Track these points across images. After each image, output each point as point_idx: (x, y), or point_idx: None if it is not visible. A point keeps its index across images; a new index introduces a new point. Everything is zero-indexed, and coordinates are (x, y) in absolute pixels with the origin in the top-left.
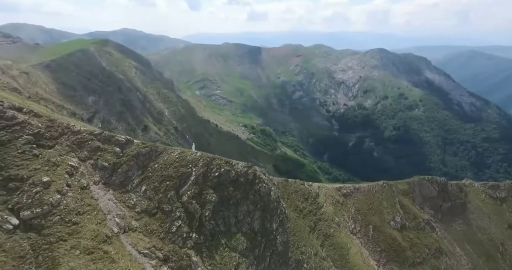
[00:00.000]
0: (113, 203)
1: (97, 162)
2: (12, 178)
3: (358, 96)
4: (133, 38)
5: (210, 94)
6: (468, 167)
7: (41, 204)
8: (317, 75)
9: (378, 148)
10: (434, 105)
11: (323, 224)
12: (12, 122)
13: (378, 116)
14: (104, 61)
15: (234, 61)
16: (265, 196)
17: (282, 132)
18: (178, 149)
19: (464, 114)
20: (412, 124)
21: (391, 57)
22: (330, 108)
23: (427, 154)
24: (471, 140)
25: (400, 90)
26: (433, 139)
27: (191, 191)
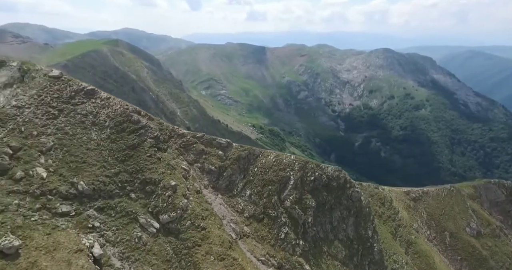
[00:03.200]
0: (224, 208)
1: (204, 165)
2: (148, 181)
3: (364, 96)
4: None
5: (216, 94)
6: (477, 167)
7: (174, 208)
8: (322, 75)
9: (385, 148)
10: (441, 105)
11: (403, 230)
12: (137, 126)
13: (384, 116)
14: (117, 61)
15: (239, 61)
16: (357, 201)
17: (289, 133)
18: (274, 152)
19: (470, 114)
20: (420, 124)
21: (396, 57)
22: (335, 108)
23: (435, 154)
24: (479, 140)
25: (406, 90)
26: (440, 138)
27: (292, 196)
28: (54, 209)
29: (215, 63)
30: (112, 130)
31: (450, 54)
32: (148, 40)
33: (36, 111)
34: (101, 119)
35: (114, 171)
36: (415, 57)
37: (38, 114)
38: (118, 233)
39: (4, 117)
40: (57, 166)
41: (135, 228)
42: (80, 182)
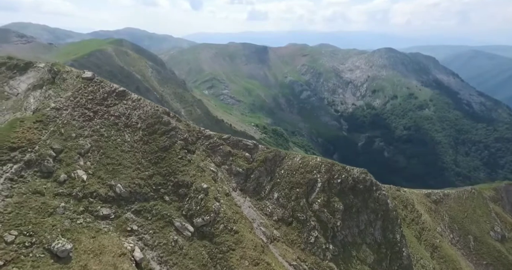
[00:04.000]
0: (253, 211)
1: (231, 167)
2: (180, 184)
3: (367, 95)
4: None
5: (219, 94)
6: (481, 167)
7: (207, 212)
8: (325, 75)
9: (388, 148)
10: (445, 105)
11: (427, 233)
12: (168, 127)
13: (387, 116)
14: (122, 61)
15: (241, 60)
16: (383, 204)
17: (291, 132)
18: (299, 154)
19: (474, 114)
20: (423, 124)
21: (400, 57)
22: (338, 108)
23: (440, 154)
24: (483, 140)
25: (409, 90)
26: (444, 138)
27: (320, 199)
28: (96, 212)
29: (218, 63)
30: (144, 132)
31: (452, 54)
32: (150, 39)
33: (73, 113)
34: (133, 121)
35: (148, 173)
36: (418, 56)
37: (75, 116)
38: (155, 237)
39: (45, 119)
40: (95, 168)
41: (170, 231)
42: (118, 184)
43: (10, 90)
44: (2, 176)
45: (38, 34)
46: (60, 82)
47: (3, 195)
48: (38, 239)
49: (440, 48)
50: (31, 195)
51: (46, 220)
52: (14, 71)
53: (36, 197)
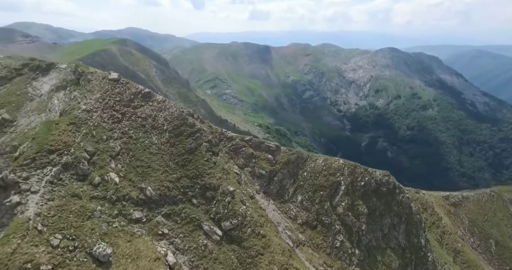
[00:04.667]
0: (278, 214)
1: (254, 169)
2: (207, 186)
3: (370, 95)
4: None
5: (221, 94)
6: (486, 168)
7: (235, 215)
8: (327, 75)
9: (392, 148)
10: (449, 105)
11: (448, 237)
12: (193, 129)
13: (391, 116)
14: (126, 61)
15: (244, 60)
16: (407, 207)
17: (294, 132)
18: (322, 156)
19: (478, 114)
20: (427, 124)
21: (403, 57)
22: (341, 107)
23: (444, 154)
24: (488, 140)
25: (412, 90)
26: (449, 139)
27: (344, 202)
28: (129, 215)
29: (220, 63)
30: (171, 134)
31: (454, 53)
32: (152, 39)
33: (102, 115)
34: (159, 122)
35: (176, 176)
36: (421, 56)
37: (105, 118)
38: (185, 241)
39: (78, 121)
40: (126, 171)
41: (200, 235)
42: (148, 187)
43: (34, 91)
44: (43, 178)
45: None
46: (85, 83)
47: (45, 198)
48: (80, 243)
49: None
50: (70, 198)
51: (85, 224)
52: (36, 73)
53: (74, 200)
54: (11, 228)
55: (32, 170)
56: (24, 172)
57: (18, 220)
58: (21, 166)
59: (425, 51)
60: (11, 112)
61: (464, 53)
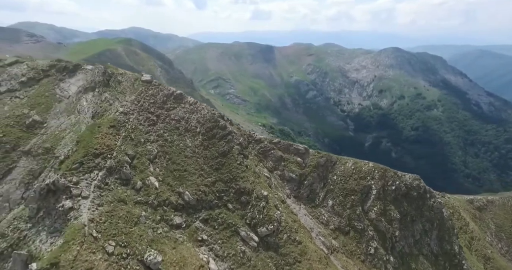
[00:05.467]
0: (309, 219)
1: (284, 173)
2: (242, 191)
3: (373, 95)
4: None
5: (224, 93)
6: (491, 169)
7: (270, 220)
8: (331, 75)
9: (396, 148)
10: (453, 105)
11: (477, 243)
12: (225, 132)
13: (395, 116)
14: (131, 60)
15: (247, 60)
16: (438, 212)
17: (298, 132)
18: (351, 159)
19: (483, 114)
20: (432, 125)
21: (406, 56)
22: (344, 108)
23: (449, 155)
24: (493, 141)
25: (417, 90)
26: (453, 139)
27: (377, 207)
28: (170, 221)
29: (223, 62)
30: (204, 137)
31: (458, 53)
32: (155, 39)
33: (139, 117)
34: (192, 125)
35: (211, 180)
36: (425, 56)
37: (141, 120)
38: (224, 247)
39: (117, 124)
40: (164, 175)
41: (237, 241)
42: (186, 192)
43: (61, 92)
44: (91, 183)
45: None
46: (115, 84)
47: (95, 203)
48: (131, 250)
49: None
50: (117, 204)
51: (133, 230)
52: (63, 74)
53: (121, 206)
54: (69, 234)
55: (80, 174)
56: (74, 177)
57: (74, 226)
58: (70, 170)
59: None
60: (41, 114)
61: (467, 53)
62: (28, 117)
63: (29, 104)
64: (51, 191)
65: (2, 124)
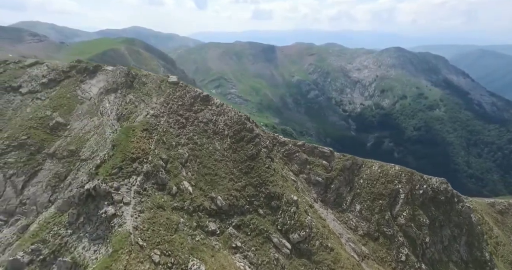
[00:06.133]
0: (338, 224)
1: (310, 176)
2: (272, 195)
3: (375, 95)
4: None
5: (226, 93)
6: (494, 169)
7: (302, 226)
8: (332, 74)
9: (398, 148)
10: (456, 105)
11: (502, 249)
12: (253, 134)
13: (397, 116)
14: (134, 60)
15: (248, 59)
16: (467, 218)
17: (300, 132)
18: (377, 162)
19: (485, 114)
20: (434, 125)
21: (408, 56)
22: (346, 107)
23: (451, 155)
24: (496, 141)
25: (419, 90)
26: (456, 139)
27: (406, 212)
28: (206, 227)
29: (225, 62)
30: (232, 140)
31: (459, 53)
32: (156, 38)
33: (169, 120)
34: (219, 127)
35: (241, 184)
36: (427, 56)
37: (171, 123)
38: (258, 254)
39: (149, 127)
40: (196, 179)
41: (270, 248)
42: (218, 197)
43: (83, 94)
44: (131, 189)
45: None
46: (139, 86)
47: (137, 210)
48: (175, 259)
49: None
50: (156, 210)
51: (174, 238)
52: (84, 75)
53: (160, 212)
54: (116, 243)
55: (120, 179)
56: (115, 182)
57: (119, 234)
58: (110, 175)
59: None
60: (63, 116)
61: (469, 53)
62: (51, 119)
63: (51, 106)
64: (90, 196)
65: (26, 126)
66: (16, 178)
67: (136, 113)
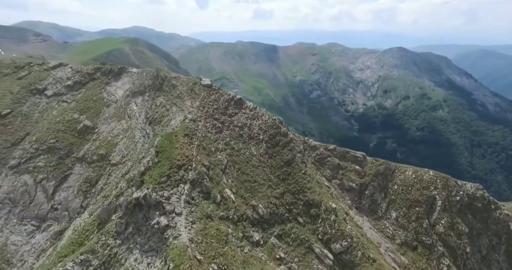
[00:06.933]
0: (375, 233)
1: (343, 182)
2: (310, 203)
3: (378, 96)
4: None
5: None
6: (498, 170)
7: (343, 236)
8: (335, 74)
9: (401, 149)
10: (459, 106)
11: None
12: (287, 139)
13: (400, 117)
14: (139, 60)
15: (250, 59)
16: (505, 226)
17: (302, 132)
18: (410, 167)
19: (489, 115)
20: (437, 125)
21: (411, 56)
22: (349, 108)
23: (455, 156)
24: (500, 142)
25: (422, 90)
26: (460, 140)
27: (444, 220)
28: (251, 238)
29: (227, 62)
30: (268, 144)
31: (461, 53)
32: (157, 38)
33: (206, 124)
34: (254, 132)
35: (279, 191)
36: (430, 56)
37: (209, 127)
38: (301, 266)
39: (189, 132)
40: (236, 186)
41: (313, 259)
42: (259, 205)
43: (108, 96)
44: (180, 198)
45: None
46: (169, 89)
47: (189, 220)
48: None
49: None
50: (205, 220)
51: (226, 251)
52: (109, 77)
53: (209, 222)
54: (175, 257)
55: (169, 188)
56: (165, 191)
57: (176, 247)
58: (159, 184)
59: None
60: (91, 119)
61: (470, 53)
62: (79, 122)
63: (78, 109)
64: (138, 205)
65: (54, 129)
66: (46, 182)
67: (168, 117)
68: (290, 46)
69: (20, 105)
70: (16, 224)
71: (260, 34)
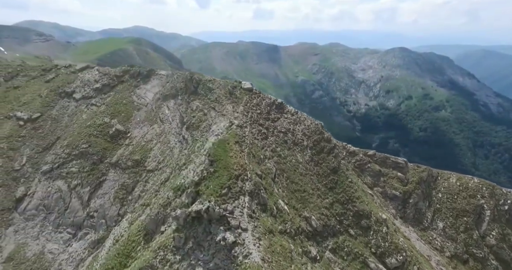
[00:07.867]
0: (423, 245)
1: (385, 189)
2: (360, 213)
3: (380, 96)
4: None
5: None
6: (502, 171)
7: (397, 249)
8: (336, 75)
9: (404, 149)
10: (462, 106)
11: None
12: (331, 145)
13: (402, 117)
14: (142, 60)
15: (252, 59)
16: None
17: None
18: (453, 174)
19: (492, 116)
20: (440, 126)
21: (413, 56)
22: (351, 108)
23: (458, 157)
24: (503, 143)
25: (424, 90)
26: (463, 141)
27: (495, 231)
28: (309, 253)
29: (228, 62)
30: (312, 151)
31: (462, 53)
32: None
33: (252, 130)
34: (298, 137)
35: (328, 201)
36: (432, 56)
37: (255, 134)
38: None
39: (239, 140)
40: (288, 197)
41: None
42: (312, 216)
43: (138, 100)
44: (243, 212)
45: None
46: (205, 92)
47: (255, 236)
48: None
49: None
50: (268, 236)
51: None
52: (137, 80)
53: (272, 238)
54: None
55: (231, 200)
56: (228, 204)
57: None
58: (220, 196)
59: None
60: (122, 123)
61: (472, 53)
62: (111, 126)
63: (108, 113)
64: (196, 218)
65: (85, 133)
66: (81, 188)
67: (207, 122)
68: (291, 46)
69: (50, 109)
70: (52, 231)
71: (261, 34)
